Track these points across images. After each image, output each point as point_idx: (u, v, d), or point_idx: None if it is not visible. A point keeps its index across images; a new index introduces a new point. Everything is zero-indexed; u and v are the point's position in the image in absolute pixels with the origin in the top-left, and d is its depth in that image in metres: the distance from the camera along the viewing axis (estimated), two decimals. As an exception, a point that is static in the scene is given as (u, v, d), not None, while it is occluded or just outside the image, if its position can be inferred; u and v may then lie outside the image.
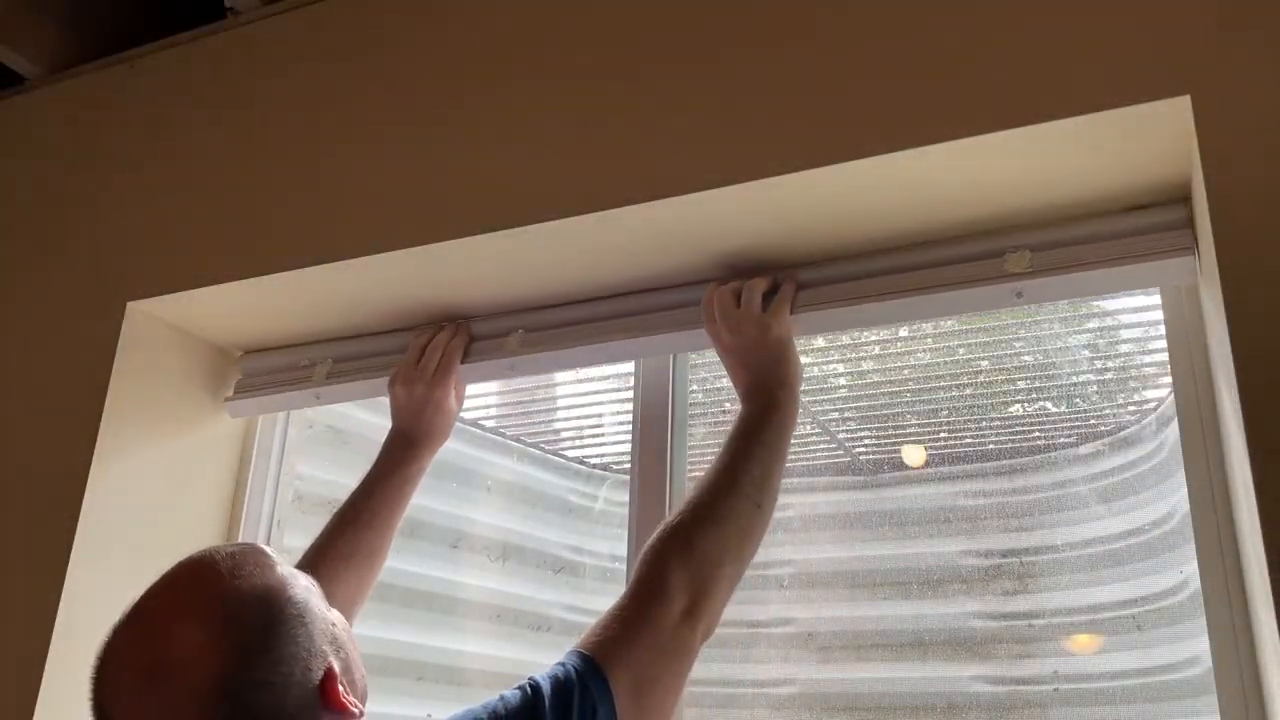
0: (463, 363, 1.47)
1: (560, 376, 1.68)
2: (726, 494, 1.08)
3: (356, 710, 0.82)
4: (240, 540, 1.63)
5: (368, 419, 1.79)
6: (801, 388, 1.24)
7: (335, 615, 0.88)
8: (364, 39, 1.55)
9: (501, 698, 0.90)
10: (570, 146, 1.32)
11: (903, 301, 1.25)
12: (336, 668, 0.82)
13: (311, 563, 1.26)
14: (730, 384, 1.28)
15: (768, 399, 1.19)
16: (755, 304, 1.25)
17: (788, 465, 1.17)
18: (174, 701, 0.76)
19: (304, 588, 0.86)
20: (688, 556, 1.02)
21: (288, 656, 0.79)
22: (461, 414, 1.49)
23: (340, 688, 0.81)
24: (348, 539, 1.29)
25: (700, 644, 1.02)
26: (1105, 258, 1.16)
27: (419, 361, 1.44)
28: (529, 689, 0.90)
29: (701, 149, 1.23)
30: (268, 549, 0.90)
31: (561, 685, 0.90)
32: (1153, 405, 1.31)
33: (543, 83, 1.37)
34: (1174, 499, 1.21)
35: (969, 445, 1.42)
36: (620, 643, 0.95)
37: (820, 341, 1.53)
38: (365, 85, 1.51)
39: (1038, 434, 1.41)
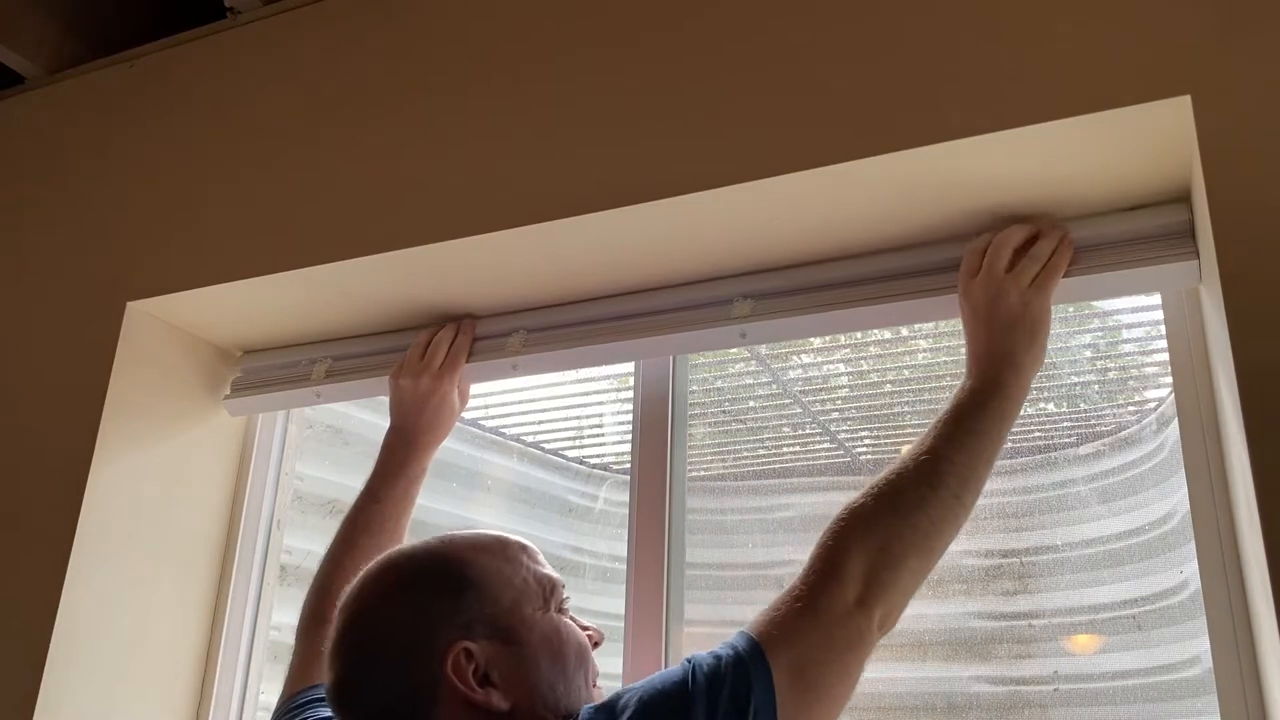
0: (466, 362, 1.46)
1: (560, 376, 1.68)
2: (922, 481, 0.99)
3: (476, 695, 0.87)
4: (242, 538, 1.64)
5: (368, 419, 1.79)
6: (1035, 374, 1.10)
7: (546, 624, 0.93)
8: (364, 39, 1.55)
9: (662, 673, 0.90)
10: (571, 147, 1.32)
11: (906, 305, 1.26)
12: (479, 651, 0.88)
13: (331, 577, 1.26)
14: (729, 385, 1.28)
15: (993, 378, 1.07)
16: (1026, 274, 1.12)
17: (788, 465, 1.17)
18: (340, 618, 0.94)
19: (499, 574, 0.93)
20: (866, 545, 0.95)
21: (415, 609, 0.90)
22: (461, 414, 1.48)
23: (456, 661, 0.87)
24: (362, 549, 1.28)
25: (878, 635, 0.95)
26: (1107, 263, 1.16)
27: (423, 356, 1.43)
28: (688, 663, 0.89)
29: (702, 149, 1.23)
30: (519, 545, 0.99)
31: (718, 662, 0.88)
32: (1153, 405, 1.31)
33: (544, 82, 1.37)
34: (1174, 499, 1.21)
35: (969, 445, 1.42)
36: (785, 625, 0.91)
37: (816, 342, 1.53)
38: (365, 85, 1.51)
39: (1038, 434, 1.40)
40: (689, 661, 0.89)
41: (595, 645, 0.99)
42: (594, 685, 0.96)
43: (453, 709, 0.87)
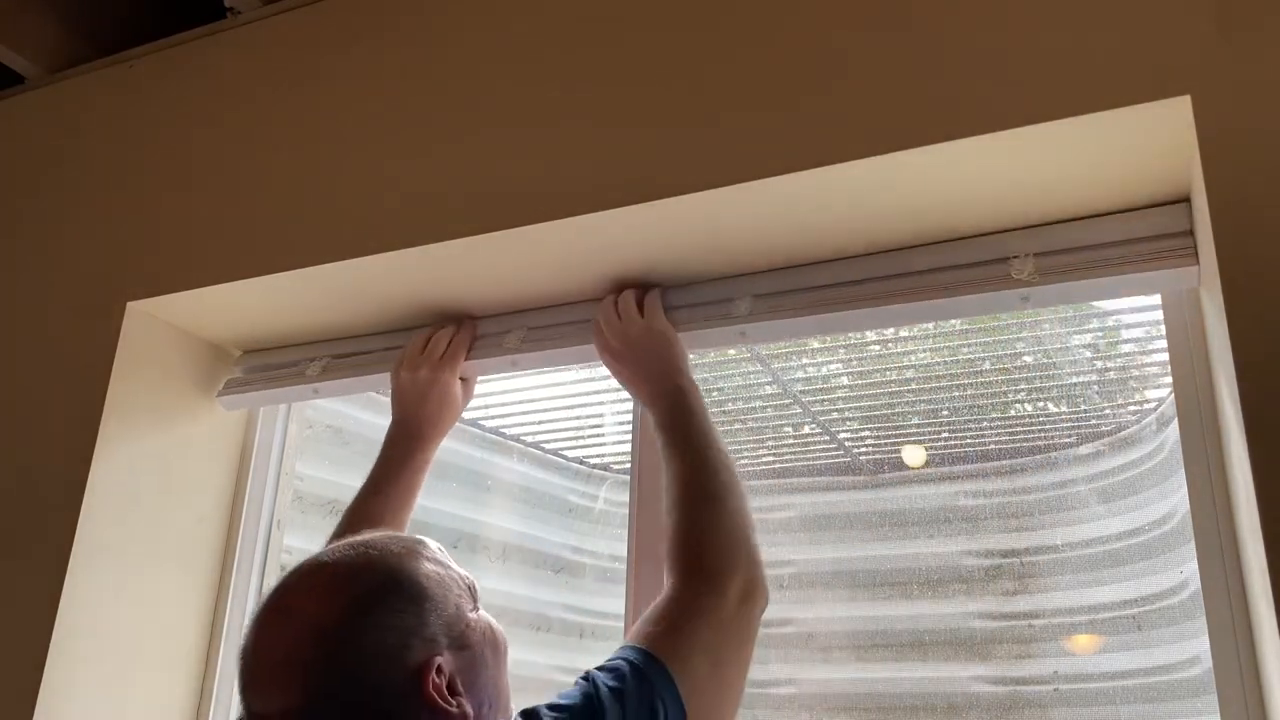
0: (466, 359, 1.46)
1: (561, 376, 1.68)
2: (712, 478, 1.11)
3: (452, 709, 0.82)
4: (242, 538, 1.64)
5: (368, 419, 1.79)
6: (689, 364, 1.28)
7: (481, 622, 0.90)
8: (363, 39, 1.55)
9: (562, 692, 0.91)
10: (572, 147, 1.32)
11: (908, 307, 1.26)
12: (446, 663, 0.83)
13: None
14: (729, 385, 1.28)
15: (673, 392, 1.22)
16: (632, 308, 1.31)
17: (788, 465, 1.18)
18: (281, 638, 0.83)
19: (440, 579, 0.89)
20: (722, 542, 1.04)
21: (385, 626, 0.83)
22: (462, 414, 1.48)
23: (433, 679, 0.82)
24: None
25: (760, 617, 1.03)
26: (1108, 262, 1.16)
27: (424, 348, 1.44)
28: (586, 681, 0.91)
29: (702, 149, 1.23)
30: (435, 544, 0.94)
31: (619, 677, 0.90)
32: (1153, 405, 1.31)
33: (544, 82, 1.37)
34: (1174, 499, 1.21)
35: (969, 445, 1.42)
36: (678, 634, 0.96)
37: (814, 343, 1.53)
38: (365, 85, 1.51)
39: (1038, 434, 1.41)
40: (585, 679, 0.91)
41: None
42: None
43: None
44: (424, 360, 1.42)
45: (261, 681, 0.82)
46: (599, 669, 0.92)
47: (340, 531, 1.30)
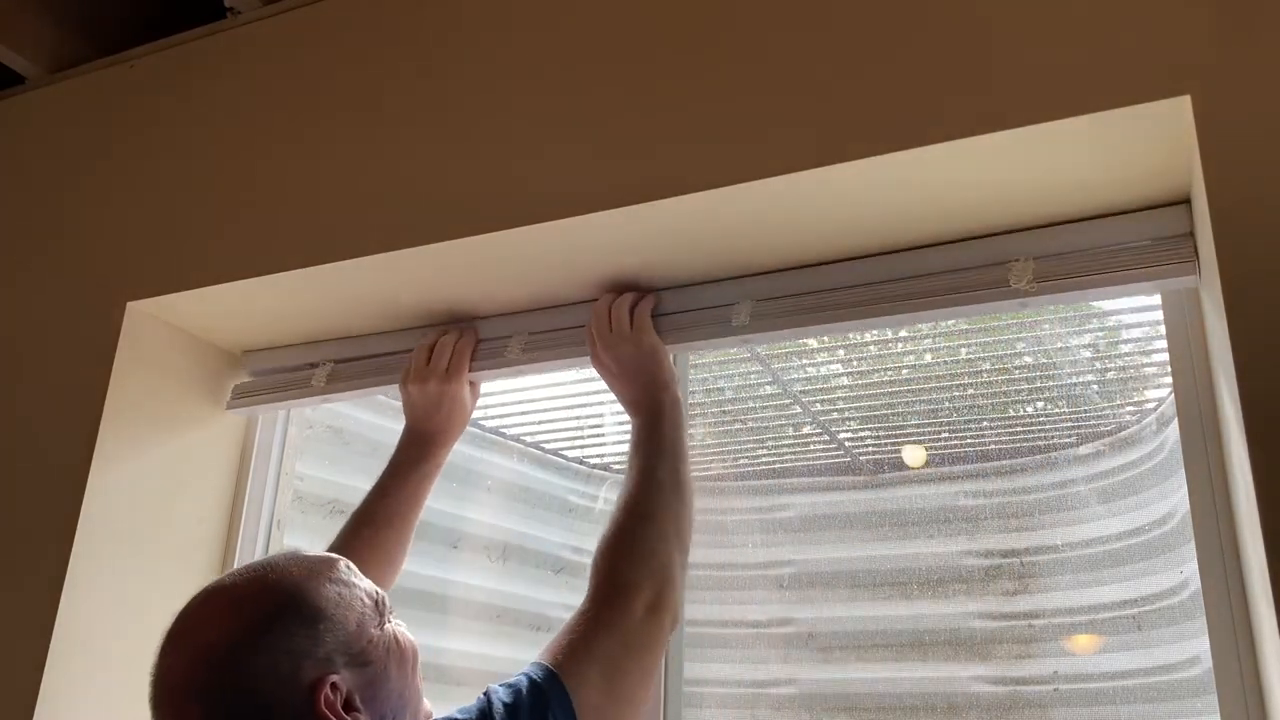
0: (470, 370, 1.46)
1: (561, 376, 1.68)
2: (651, 495, 1.16)
3: None
4: (242, 538, 1.64)
5: (368, 419, 1.79)
6: (676, 384, 1.32)
7: (386, 637, 0.92)
8: (364, 39, 1.55)
9: (460, 706, 0.93)
10: (573, 146, 1.32)
11: (908, 315, 1.26)
12: (343, 681, 0.85)
13: None
14: (729, 385, 1.28)
15: (654, 406, 1.26)
16: (624, 319, 1.33)
17: (788, 465, 1.18)
18: (178, 662, 0.87)
19: (339, 599, 0.90)
20: (636, 555, 1.09)
21: (278, 648, 0.85)
22: (474, 409, 1.48)
23: (325, 696, 0.84)
24: (365, 540, 1.30)
25: (669, 633, 1.07)
26: (1107, 268, 1.16)
27: (429, 360, 1.44)
28: (484, 697, 0.94)
29: (703, 149, 1.23)
30: (344, 563, 0.95)
31: (515, 693, 0.93)
32: (1153, 405, 1.31)
33: (544, 81, 1.37)
34: (1174, 499, 1.21)
35: (969, 445, 1.42)
36: (579, 648, 0.99)
37: (814, 343, 1.53)
38: (365, 85, 1.51)
39: (1038, 434, 1.41)
40: (485, 695, 0.94)
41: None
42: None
43: None
44: (430, 373, 1.42)
45: (162, 706, 0.86)
46: (501, 684, 0.95)
47: (346, 532, 1.32)
